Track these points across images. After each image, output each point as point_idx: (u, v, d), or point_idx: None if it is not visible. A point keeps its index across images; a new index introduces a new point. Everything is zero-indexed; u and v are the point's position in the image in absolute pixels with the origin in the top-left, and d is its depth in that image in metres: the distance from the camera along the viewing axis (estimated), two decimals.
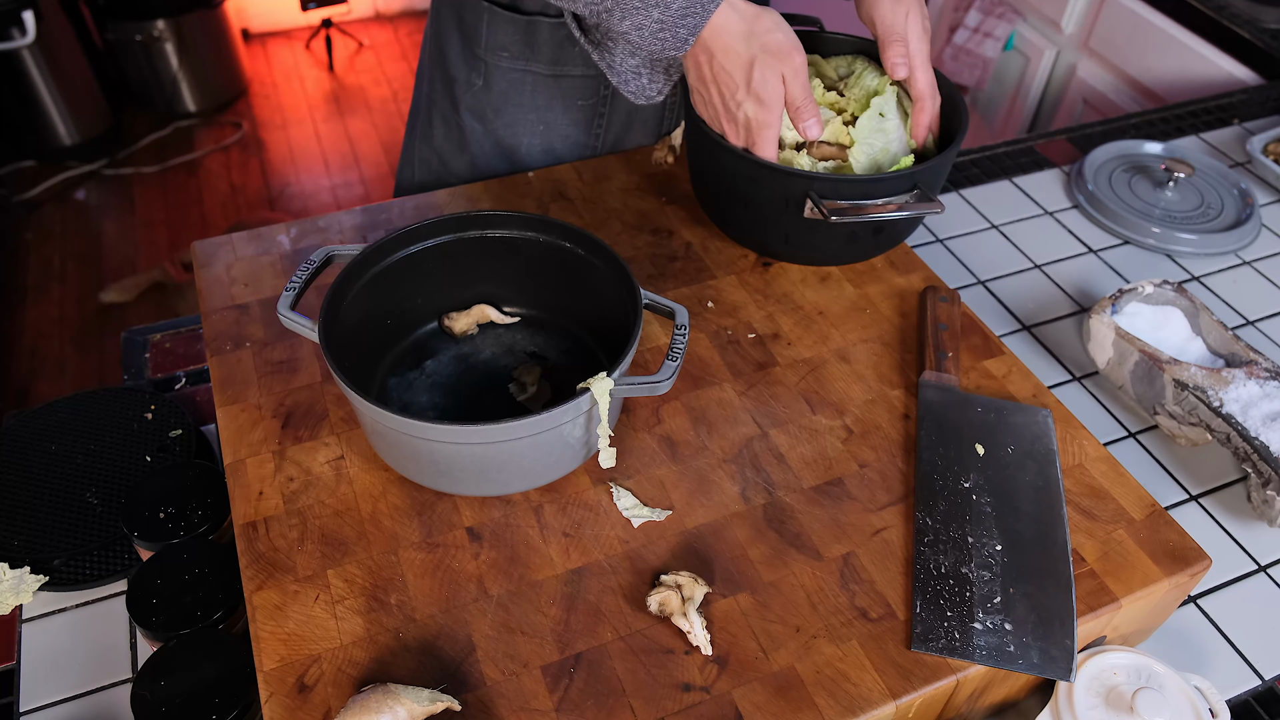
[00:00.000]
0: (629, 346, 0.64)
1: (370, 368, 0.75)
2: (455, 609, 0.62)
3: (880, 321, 0.84)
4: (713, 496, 0.69)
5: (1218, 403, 0.83)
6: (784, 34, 0.74)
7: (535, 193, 0.95)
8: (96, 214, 2.76)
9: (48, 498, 0.79)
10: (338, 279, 0.70)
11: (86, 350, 2.37)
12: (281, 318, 0.68)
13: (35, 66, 2.66)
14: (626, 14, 0.73)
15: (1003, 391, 0.78)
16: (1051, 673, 0.61)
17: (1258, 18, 1.64)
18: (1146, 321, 0.95)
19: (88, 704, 0.70)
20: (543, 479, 0.68)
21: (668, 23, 0.73)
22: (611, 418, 0.68)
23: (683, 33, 0.73)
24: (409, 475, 0.68)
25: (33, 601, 0.75)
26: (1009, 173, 1.22)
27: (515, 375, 0.77)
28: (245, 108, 3.20)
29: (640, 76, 0.84)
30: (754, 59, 0.73)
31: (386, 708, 0.54)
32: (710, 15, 0.73)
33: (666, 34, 0.74)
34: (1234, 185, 1.19)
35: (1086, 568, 0.66)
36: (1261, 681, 0.73)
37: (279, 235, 0.89)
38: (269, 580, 0.63)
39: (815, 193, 0.76)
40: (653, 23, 0.73)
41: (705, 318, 0.83)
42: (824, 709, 0.58)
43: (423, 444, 0.63)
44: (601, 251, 0.73)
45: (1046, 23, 2.04)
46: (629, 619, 0.62)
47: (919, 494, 0.70)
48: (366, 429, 0.68)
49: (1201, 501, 0.85)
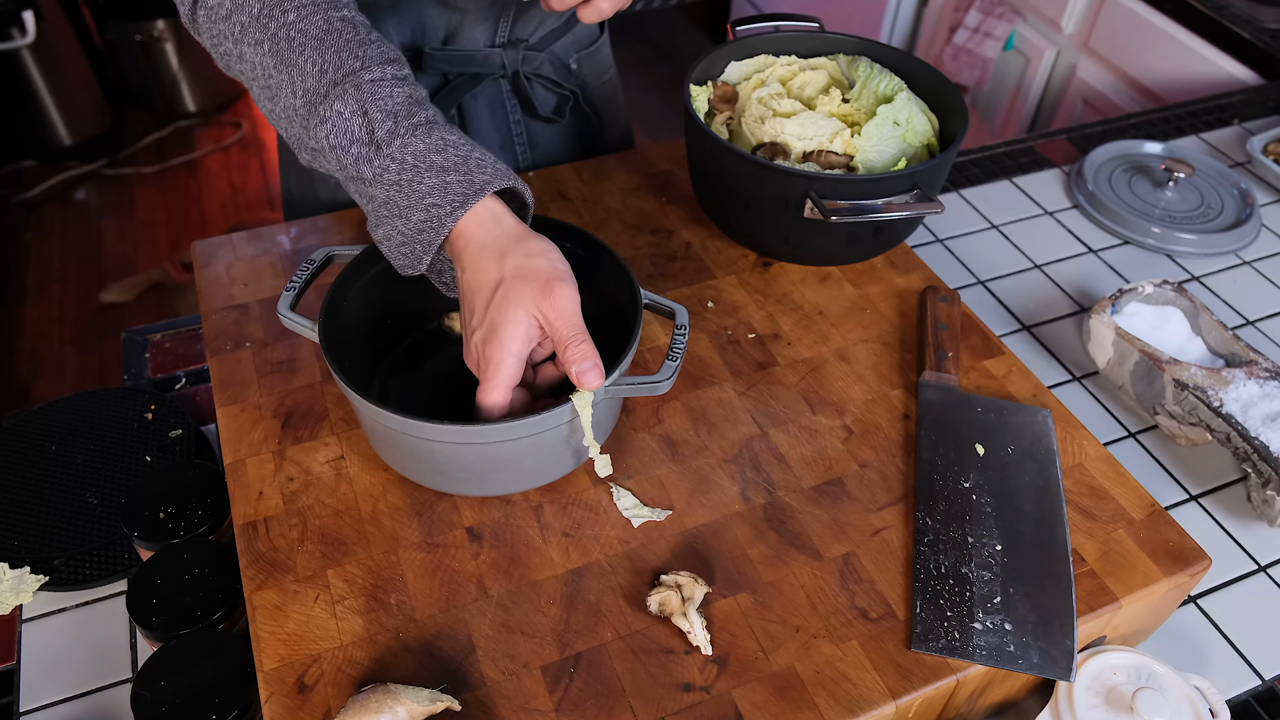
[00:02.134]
0: (629, 347, 0.64)
1: (370, 367, 0.75)
2: (455, 609, 0.62)
3: (880, 321, 0.84)
4: (713, 496, 0.69)
5: (1218, 403, 0.83)
6: (549, 261, 0.61)
7: (535, 193, 0.95)
8: (96, 214, 2.76)
9: (48, 498, 0.79)
10: (338, 279, 0.70)
11: (86, 350, 2.37)
12: (282, 318, 0.68)
13: (35, 66, 2.66)
14: (379, 222, 0.65)
15: (1003, 391, 0.78)
16: (1051, 673, 0.61)
17: (1258, 18, 1.64)
18: (1146, 321, 0.95)
19: (88, 704, 0.70)
20: (543, 479, 0.68)
21: (408, 237, 0.63)
22: (608, 422, 0.68)
23: (418, 249, 0.63)
24: (409, 475, 0.68)
25: (33, 601, 0.75)
26: (1009, 173, 1.22)
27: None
28: (245, 108, 3.19)
29: (405, 248, 0.67)
30: (501, 283, 0.61)
31: (386, 708, 0.54)
32: (446, 231, 0.62)
33: (406, 249, 0.64)
34: (1234, 185, 1.19)
35: (1086, 568, 0.66)
36: (1261, 681, 0.73)
37: (279, 235, 0.89)
38: (269, 580, 0.63)
39: (815, 193, 0.76)
40: (396, 234, 0.64)
41: (705, 318, 0.83)
42: (824, 709, 0.58)
43: (422, 444, 0.63)
44: (602, 251, 0.73)
45: (1046, 23, 2.04)
46: (629, 619, 0.62)
47: (919, 494, 0.70)
48: (367, 429, 0.68)
49: (1201, 501, 0.85)
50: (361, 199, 0.66)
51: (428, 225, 0.62)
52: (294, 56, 0.65)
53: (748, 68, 0.93)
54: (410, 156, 0.62)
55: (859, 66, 0.89)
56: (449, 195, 0.62)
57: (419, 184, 0.62)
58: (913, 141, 0.84)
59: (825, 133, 0.83)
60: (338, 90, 0.63)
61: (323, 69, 0.64)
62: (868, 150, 0.82)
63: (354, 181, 0.65)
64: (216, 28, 0.67)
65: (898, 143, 0.83)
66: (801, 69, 0.91)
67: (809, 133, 0.83)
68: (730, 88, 0.91)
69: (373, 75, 0.64)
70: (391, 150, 0.63)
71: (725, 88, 0.90)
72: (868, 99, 0.87)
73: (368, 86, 0.63)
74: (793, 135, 0.82)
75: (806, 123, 0.83)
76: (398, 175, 0.63)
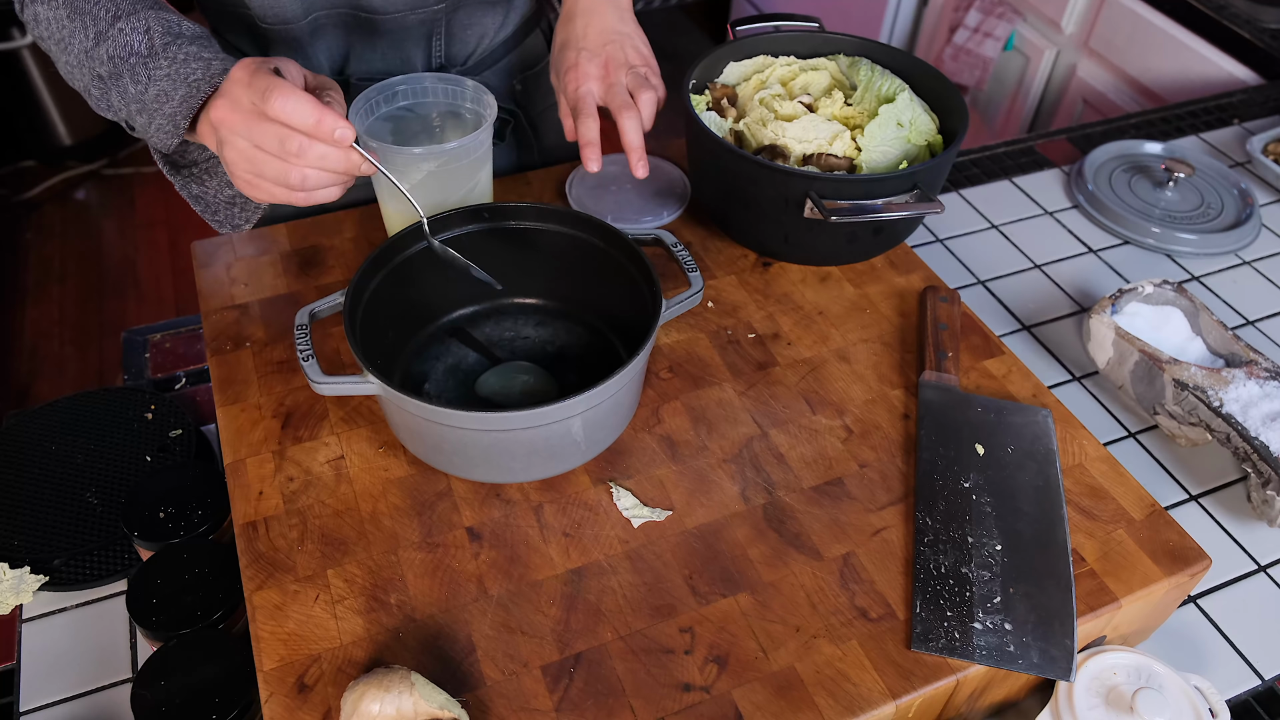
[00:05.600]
0: (656, 323, 0.67)
1: (392, 358, 0.76)
2: (455, 609, 0.62)
3: (880, 321, 0.84)
4: (713, 496, 0.69)
5: (1218, 403, 0.83)
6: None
7: (535, 193, 0.95)
8: (96, 214, 2.76)
9: (48, 498, 0.79)
10: (357, 275, 0.69)
11: (86, 350, 2.36)
12: (318, 386, 0.64)
13: (35, 66, 2.66)
14: (145, 110, 0.68)
15: (1003, 391, 0.78)
16: (1051, 673, 0.61)
17: (1258, 18, 1.64)
18: (1146, 321, 0.95)
19: (88, 704, 0.70)
20: (546, 471, 0.68)
21: (177, 112, 0.67)
22: (618, 419, 0.69)
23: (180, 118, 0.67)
24: (442, 468, 0.69)
25: (33, 601, 0.75)
26: (1009, 173, 1.22)
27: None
28: None
29: (234, 206, 0.80)
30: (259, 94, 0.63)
31: (398, 691, 0.54)
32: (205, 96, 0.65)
33: (177, 121, 0.67)
34: (1234, 185, 1.19)
35: (1086, 568, 0.66)
36: (1261, 681, 0.73)
37: (279, 235, 0.89)
38: (269, 580, 0.63)
39: (815, 193, 0.76)
40: (164, 119, 0.67)
41: (705, 317, 0.83)
42: (824, 709, 0.58)
43: (461, 433, 0.64)
44: (617, 240, 0.74)
45: (1046, 23, 2.04)
46: (629, 619, 0.62)
47: (919, 494, 0.70)
48: (393, 421, 0.69)
49: (1201, 501, 0.85)
50: (134, 105, 0.69)
51: (190, 96, 0.66)
52: (85, 5, 0.70)
53: (747, 68, 0.93)
54: (183, 55, 0.68)
55: (859, 69, 0.89)
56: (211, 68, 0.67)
57: (187, 70, 0.67)
58: (916, 141, 0.84)
59: (825, 135, 0.83)
60: (125, 18, 0.69)
61: (115, 11, 0.70)
62: (871, 151, 0.82)
63: (130, 85, 0.69)
64: (20, 2, 0.74)
65: (901, 143, 0.83)
66: (802, 69, 0.91)
67: (810, 135, 0.83)
68: (730, 89, 0.91)
69: (160, 8, 0.71)
70: (169, 53, 0.68)
71: (724, 89, 0.90)
72: (870, 101, 0.87)
73: (154, 14, 0.70)
74: (793, 139, 0.82)
75: (808, 125, 0.83)
76: (168, 69, 0.67)
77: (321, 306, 0.69)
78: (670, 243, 0.75)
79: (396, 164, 0.75)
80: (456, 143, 0.75)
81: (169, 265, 2.59)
